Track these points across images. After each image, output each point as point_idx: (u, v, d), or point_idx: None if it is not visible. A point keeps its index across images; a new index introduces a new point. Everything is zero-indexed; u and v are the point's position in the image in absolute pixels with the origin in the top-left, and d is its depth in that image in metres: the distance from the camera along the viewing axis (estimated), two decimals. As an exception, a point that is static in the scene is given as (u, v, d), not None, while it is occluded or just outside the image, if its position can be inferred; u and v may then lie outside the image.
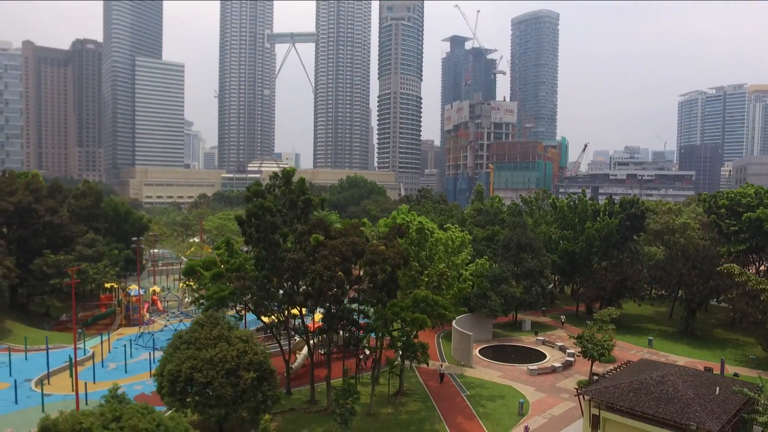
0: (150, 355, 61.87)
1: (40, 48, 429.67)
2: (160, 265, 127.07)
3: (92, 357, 61.32)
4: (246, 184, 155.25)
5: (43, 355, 60.06)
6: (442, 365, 62.85)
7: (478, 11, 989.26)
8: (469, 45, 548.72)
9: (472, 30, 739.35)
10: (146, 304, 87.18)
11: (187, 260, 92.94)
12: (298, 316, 54.10)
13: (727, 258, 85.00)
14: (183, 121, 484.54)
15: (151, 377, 53.56)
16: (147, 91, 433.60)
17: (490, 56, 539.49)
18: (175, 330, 56.20)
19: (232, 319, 51.33)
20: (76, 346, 52.97)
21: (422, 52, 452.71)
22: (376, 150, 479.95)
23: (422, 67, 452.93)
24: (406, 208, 73.20)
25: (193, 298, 54.99)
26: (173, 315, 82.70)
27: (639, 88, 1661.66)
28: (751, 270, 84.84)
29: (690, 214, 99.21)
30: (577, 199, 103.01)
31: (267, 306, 52.52)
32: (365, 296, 51.48)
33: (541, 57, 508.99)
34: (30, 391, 53.45)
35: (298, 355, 63.57)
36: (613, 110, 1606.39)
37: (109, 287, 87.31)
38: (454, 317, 62.83)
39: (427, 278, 58.45)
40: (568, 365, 65.57)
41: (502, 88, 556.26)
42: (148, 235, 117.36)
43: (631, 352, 69.64)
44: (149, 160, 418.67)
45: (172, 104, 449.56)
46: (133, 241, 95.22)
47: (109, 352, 67.63)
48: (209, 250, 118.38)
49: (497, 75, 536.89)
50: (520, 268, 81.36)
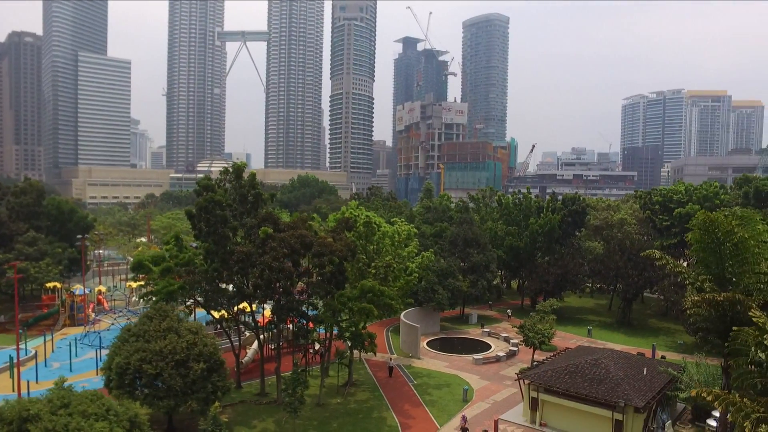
0: (96, 354, 60.53)
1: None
2: (106, 265, 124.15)
3: (35, 356, 59.92)
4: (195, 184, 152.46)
5: (-19, 356, 58.37)
6: (391, 358, 64.41)
7: (430, 13, 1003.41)
8: (421, 46, 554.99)
9: (424, 32, 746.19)
10: (92, 304, 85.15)
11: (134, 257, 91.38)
12: (248, 312, 54.51)
13: (662, 252, 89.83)
14: (129, 120, 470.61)
15: (97, 375, 52.95)
16: (91, 87, 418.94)
17: (441, 58, 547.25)
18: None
19: (182, 314, 51.31)
20: (18, 345, 51.86)
21: (375, 53, 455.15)
22: (328, 150, 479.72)
23: (374, 67, 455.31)
24: (355, 204, 74.36)
25: (141, 294, 54.59)
26: (121, 315, 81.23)
27: (587, 90, 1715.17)
28: (684, 263, 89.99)
29: (627, 211, 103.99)
30: (522, 196, 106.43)
31: (217, 301, 52.85)
32: (314, 288, 52.51)
33: (492, 59, 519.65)
34: (-32, 392, 51.95)
35: (249, 349, 63.91)
36: (562, 112, 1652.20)
37: (51, 287, 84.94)
38: (401, 308, 64.41)
39: (374, 270, 59.83)
40: (512, 354, 68.29)
41: (454, 89, 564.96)
42: (93, 234, 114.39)
43: (572, 341, 72.85)
44: (93, 159, 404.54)
45: (118, 102, 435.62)
46: (78, 239, 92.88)
47: (53, 351, 66.00)
48: (157, 249, 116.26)
49: (449, 76, 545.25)
50: (467, 263, 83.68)
